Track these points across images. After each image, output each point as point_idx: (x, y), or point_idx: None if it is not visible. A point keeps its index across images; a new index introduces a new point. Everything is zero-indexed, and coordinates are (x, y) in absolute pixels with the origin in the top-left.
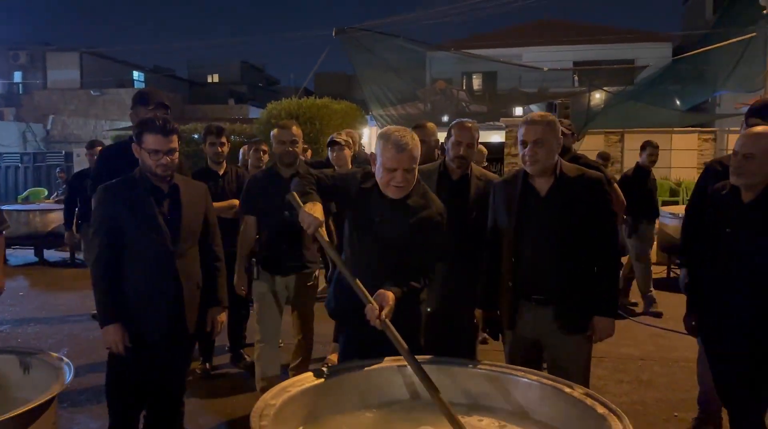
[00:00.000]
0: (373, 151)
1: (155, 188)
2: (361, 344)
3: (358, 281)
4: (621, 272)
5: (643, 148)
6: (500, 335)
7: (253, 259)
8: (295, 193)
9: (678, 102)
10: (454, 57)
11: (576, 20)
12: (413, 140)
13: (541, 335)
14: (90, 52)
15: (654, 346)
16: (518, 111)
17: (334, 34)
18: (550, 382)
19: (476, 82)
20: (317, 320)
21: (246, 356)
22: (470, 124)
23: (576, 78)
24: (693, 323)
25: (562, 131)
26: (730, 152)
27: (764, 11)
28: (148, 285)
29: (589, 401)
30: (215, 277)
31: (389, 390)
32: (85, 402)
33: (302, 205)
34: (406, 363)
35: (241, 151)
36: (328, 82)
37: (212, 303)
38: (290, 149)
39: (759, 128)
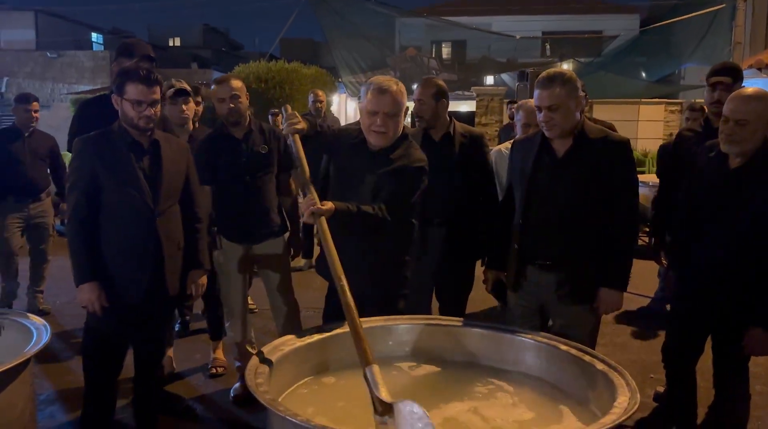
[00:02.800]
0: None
1: (135, 143)
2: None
3: (311, 186)
4: None
5: None
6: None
7: (214, 228)
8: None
9: (644, 74)
10: (423, 25)
11: None
12: (397, 86)
13: (545, 302)
14: (45, 11)
15: (624, 310)
16: (489, 80)
17: None
18: (545, 340)
19: (445, 51)
20: (305, 288)
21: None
22: (433, 79)
23: (548, 47)
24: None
25: None
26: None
27: None
28: (126, 244)
29: (587, 358)
30: (196, 239)
31: (382, 348)
32: (70, 365)
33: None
34: (395, 322)
35: None
36: (295, 47)
37: (193, 265)
38: (232, 106)
39: (749, 90)
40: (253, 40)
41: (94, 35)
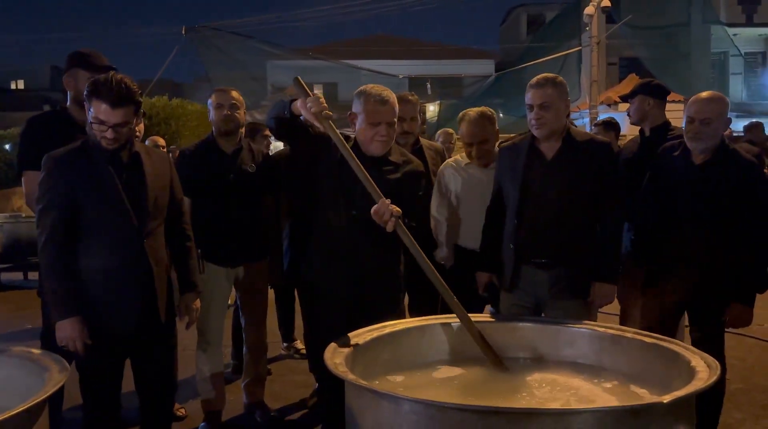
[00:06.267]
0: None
1: (114, 157)
2: (333, 318)
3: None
4: None
5: None
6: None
7: (198, 251)
8: (299, 78)
9: (501, 115)
10: (292, 67)
11: (407, 36)
12: (392, 95)
13: (540, 299)
14: None
15: None
16: None
17: (183, 32)
18: (585, 327)
19: (317, 93)
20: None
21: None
22: (411, 97)
23: (429, 86)
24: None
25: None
26: None
27: (587, 28)
28: (113, 271)
29: (634, 336)
30: (187, 259)
31: (420, 349)
32: None
33: (309, 92)
34: (452, 321)
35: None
36: (155, 88)
37: (186, 288)
38: (229, 113)
39: (706, 94)
40: None
41: None
